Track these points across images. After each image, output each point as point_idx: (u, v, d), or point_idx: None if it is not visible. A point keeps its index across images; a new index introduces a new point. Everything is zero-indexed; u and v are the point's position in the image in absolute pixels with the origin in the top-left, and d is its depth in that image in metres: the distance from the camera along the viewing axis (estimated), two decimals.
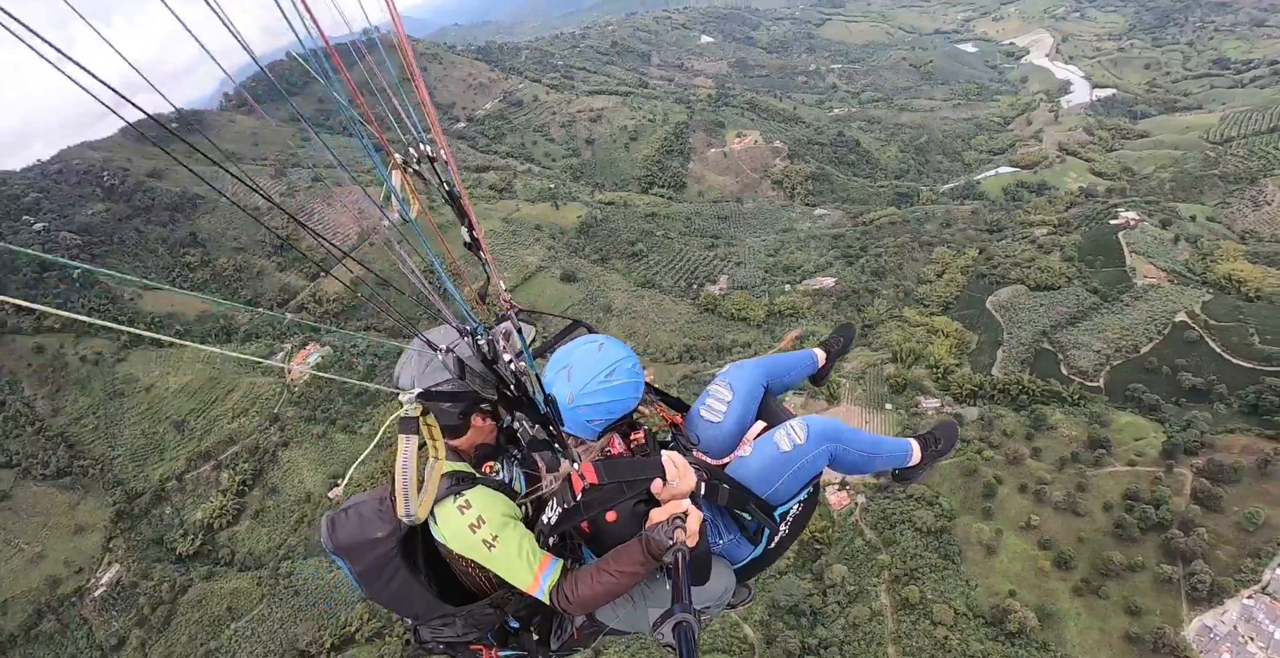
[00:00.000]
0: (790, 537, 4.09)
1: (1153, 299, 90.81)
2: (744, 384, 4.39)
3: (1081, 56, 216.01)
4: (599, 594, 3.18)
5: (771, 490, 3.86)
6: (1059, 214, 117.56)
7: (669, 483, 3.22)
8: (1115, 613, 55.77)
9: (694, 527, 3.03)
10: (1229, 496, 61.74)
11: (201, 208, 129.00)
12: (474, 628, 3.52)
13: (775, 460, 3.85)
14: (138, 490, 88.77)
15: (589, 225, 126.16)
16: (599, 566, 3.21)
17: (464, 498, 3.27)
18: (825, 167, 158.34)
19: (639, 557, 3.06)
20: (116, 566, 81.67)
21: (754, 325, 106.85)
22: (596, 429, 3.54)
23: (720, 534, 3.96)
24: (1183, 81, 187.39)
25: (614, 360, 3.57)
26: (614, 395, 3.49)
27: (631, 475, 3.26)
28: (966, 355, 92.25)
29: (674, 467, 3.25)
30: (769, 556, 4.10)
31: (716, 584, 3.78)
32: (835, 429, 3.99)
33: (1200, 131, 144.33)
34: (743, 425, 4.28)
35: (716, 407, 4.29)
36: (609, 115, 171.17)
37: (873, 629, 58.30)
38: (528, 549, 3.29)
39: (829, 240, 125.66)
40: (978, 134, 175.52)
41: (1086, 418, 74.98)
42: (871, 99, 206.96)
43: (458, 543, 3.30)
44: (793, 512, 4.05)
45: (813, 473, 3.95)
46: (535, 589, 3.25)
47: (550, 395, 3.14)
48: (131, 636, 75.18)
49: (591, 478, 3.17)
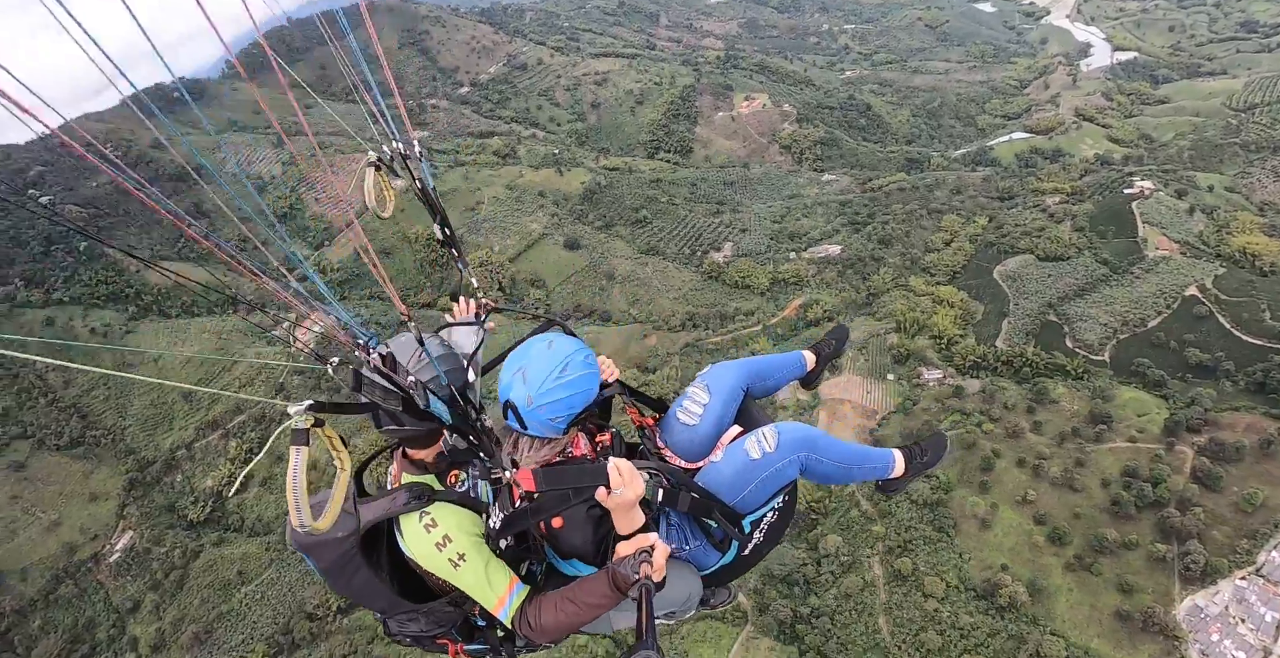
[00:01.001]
0: (766, 544, 3.99)
1: (1163, 272, 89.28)
2: (722, 387, 4.27)
3: (1103, 17, 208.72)
4: (563, 625, 3.15)
5: (738, 498, 3.74)
6: (1072, 182, 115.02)
7: (613, 491, 3.07)
8: (1106, 590, 56.05)
9: (660, 562, 2.95)
10: (1229, 475, 61.25)
11: (205, 178, 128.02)
12: (437, 625, 3.55)
13: (744, 467, 3.74)
14: (149, 459, 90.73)
15: (593, 192, 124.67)
16: (564, 595, 3.15)
17: (430, 516, 3.27)
18: (835, 131, 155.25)
19: (605, 589, 3.01)
20: (130, 532, 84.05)
21: (758, 293, 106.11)
22: (561, 426, 3.41)
23: (686, 540, 3.89)
24: (1207, 45, 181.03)
25: (566, 355, 3.43)
26: (571, 389, 3.36)
27: (573, 483, 3.15)
28: (971, 326, 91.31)
29: (618, 474, 3.08)
30: (743, 562, 4.00)
31: (678, 591, 3.73)
32: (809, 438, 3.84)
33: (1223, 98, 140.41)
34: (719, 429, 4.16)
35: (693, 409, 4.19)
36: (615, 79, 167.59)
37: (864, 600, 58.94)
38: (494, 571, 3.28)
39: (836, 207, 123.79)
40: (992, 98, 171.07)
41: (1089, 392, 74.21)
42: (884, 61, 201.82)
43: (424, 560, 3.32)
44: (766, 520, 3.95)
45: (782, 482, 3.82)
46: (499, 612, 3.24)
47: (509, 401, 3.24)
48: (146, 599, 77.66)
49: (529, 486, 3.10)
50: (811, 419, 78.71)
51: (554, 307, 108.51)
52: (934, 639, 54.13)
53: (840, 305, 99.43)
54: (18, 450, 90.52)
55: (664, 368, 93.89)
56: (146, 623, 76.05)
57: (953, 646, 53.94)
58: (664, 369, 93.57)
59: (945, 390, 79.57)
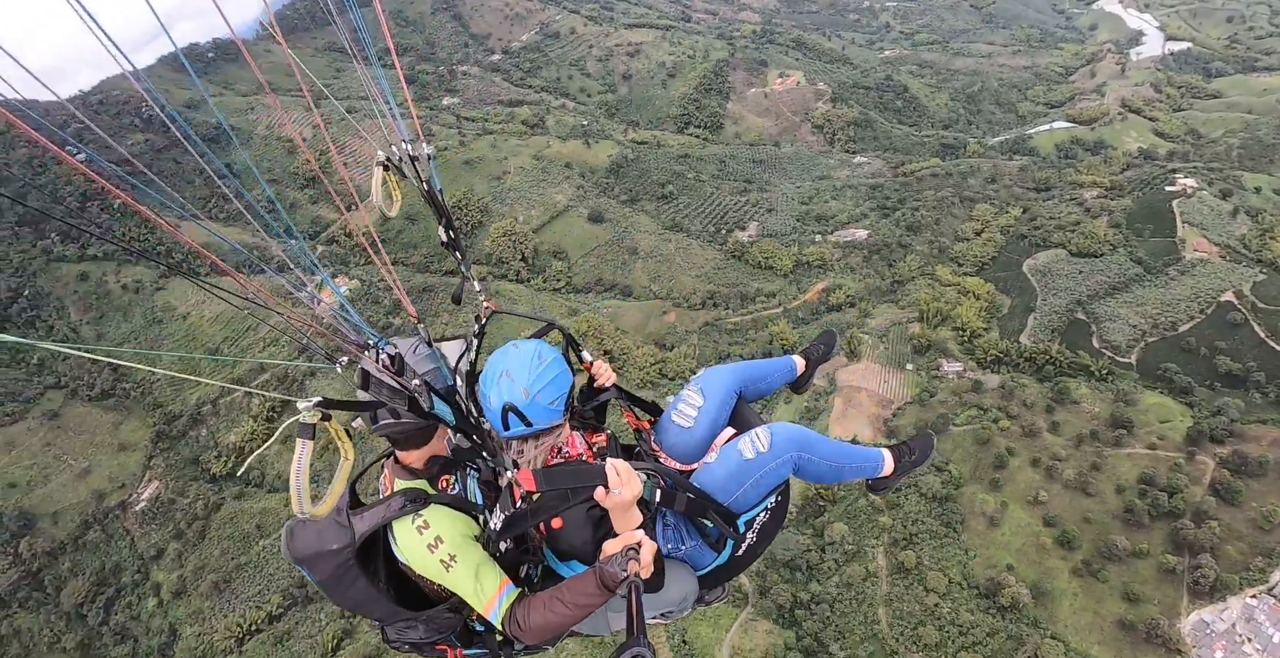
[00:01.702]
0: (760, 544, 4.03)
1: (1200, 275, 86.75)
2: (716, 390, 4.31)
3: (1159, 5, 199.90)
4: (552, 625, 3.14)
5: (732, 498, 3.78)
6: (1112, 176, 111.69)
7: (612, 491, 3.12)
8: (1112, 598, 55.62)
9: (647, 558, 2.95)
10: (1250, 489, 60.01)
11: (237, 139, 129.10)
12: (436, 631, 3.61)
13: (738, 468, 3.78)
14: (176, 413, 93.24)
15: (620, 165, 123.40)
16: (553, 595, 3.15)
17: (422, 518, 3.32)
18: (869, 112, 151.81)
19: (593, 588, 3.00)
20: (156, 482, 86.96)
21: (780, 275, 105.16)
22: (560, 409, 3.43)
23: (683, 540, 3.92)
24: (1267, 39, 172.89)
25: (534, 347, 3.51)
26: (556, 368, 3.44)
27: (572, 483, 3.21)
28: (996, 320, 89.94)
29: (616, 474, 3.13)
30: (737, 562, 4.04)
31: (675, 591, 3.79)
32: (802, 438, 3.90)
33: (1279, 95, 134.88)
34: (714, 431, 4.21)
35: (687, 412, 4.23)
36: (648, 50, 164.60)
37: (865, 590, 59.15)
38: (485, 573, 3.30)
39: (866, 190, 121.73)
40: (1036, 84, 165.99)
41: (1112, 395, 73.03)
42: (926, 41, 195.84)
43: (417, 563, 3.37)
44: (759, 520, 3.97)
45: (775, 482, 3.86)
46: (489, 613, 3.26)
47: (508, 404, 3.23)
48: (169, 548, 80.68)
49: (529, 486, 3.15)
50: (827, 406, 78.40)
51: (575, 280, 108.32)
52: (932, 634, 54.33)
53: (863, 291, 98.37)
54: (52, 400, 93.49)
55: (681, 346, 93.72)
56: (169, 570, 79.07)
57: (950, 642, 54.09)
58: (681, 347, 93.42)
59: (964, 384, 78.67)
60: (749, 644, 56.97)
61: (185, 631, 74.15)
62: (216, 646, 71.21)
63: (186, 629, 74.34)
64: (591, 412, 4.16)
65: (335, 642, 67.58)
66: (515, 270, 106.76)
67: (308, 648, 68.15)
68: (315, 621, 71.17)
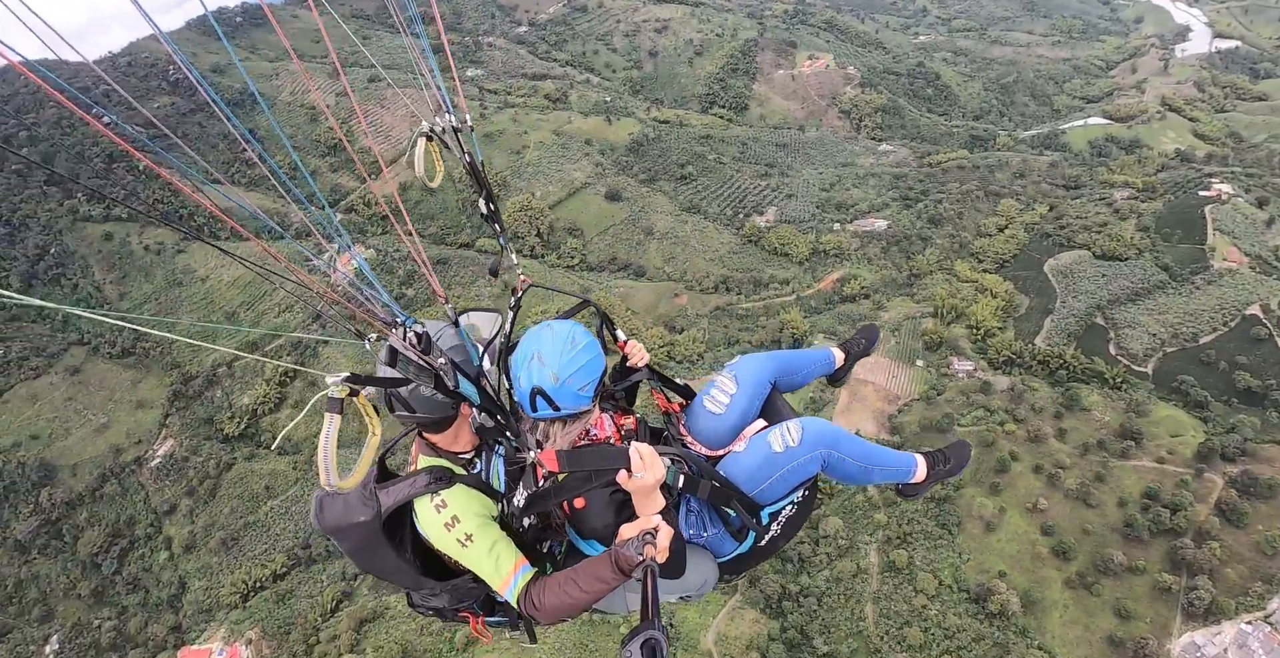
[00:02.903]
0: (783, 537, 4.04)
1: (1227, 286, 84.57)
2: (750, 378, 4.27)
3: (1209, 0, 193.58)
4: (566, 605, 3.20)
5: (759, 490, 3.78)
6: (1145, 177, 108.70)
7: (634, 474, 3.14)
8: (1103, 612, 55.05)
9: (664, 543, 2.99)
10: (1256, 512, 58.62)
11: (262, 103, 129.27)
12: (459, 599, 3.73)
13: (766, 460, 3.77)
14: (192, 374, 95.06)
15: (640, 144, 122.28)
16: (568, 576, 3.20)
17: (440, 497, 3.37)
18: (898, 99, 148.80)
19: (608, 571, 3.04)
20: (171, 440, 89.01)
21: (795, 263, 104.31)
22: (589, 395, 3.47)
23: (705, 527, 3.96)
24: None
25: (568, 331, 3.52)
26: (587, 355, 3.45)
27: (595, 465, 3.23)
28: (1012, 320, 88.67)
29: (639, 458, 3.15)
30: (758, 553, 4.07)
31: (695, 577, 3.83)
32: (833, 435, 3.85)
33: None
34: (745, 419, 4.19)
35: (720, 398, 4.20)
36: (675, 27, 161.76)
37: (855, 586, 59.19)
38: (500, 552, 3.37)
39: (889, 179, 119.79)
40: (1073, 77, 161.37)
41: (1124, 404, 71.65)
42: (963, 28, 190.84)
43: (435, 539, 3.45)
44: (785, 512, 3.98)
45: (803, 477, 3.85)
46: (504, 592, 3.34)
47: (536, 387, 3.28)
48: (182, 504, 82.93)
49: (551, 466, 3.18)
50: (832, 398, 78.00)
51: (589, 258, 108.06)
52: (917, 636, 54.33)
53: (879, 283, 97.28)
54: (74, 356, 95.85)
55: (691, 329, 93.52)
56: (180, 525, 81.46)
57: (934, 644, 54.06)
58: (691, 330, 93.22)
59: (973, 384, 77.86)
60: (734, 632, 57.53)
61: (194, 584, 76.60)
62: (223, 600, 73.43)
63: (195, 583, 76.79)
64: (622, 392, 4.13)
65: (335, 602, 69.40)
66: (530, 246, 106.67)
67: (309, 607, 69.86)
68: (317, 581, 73.10)
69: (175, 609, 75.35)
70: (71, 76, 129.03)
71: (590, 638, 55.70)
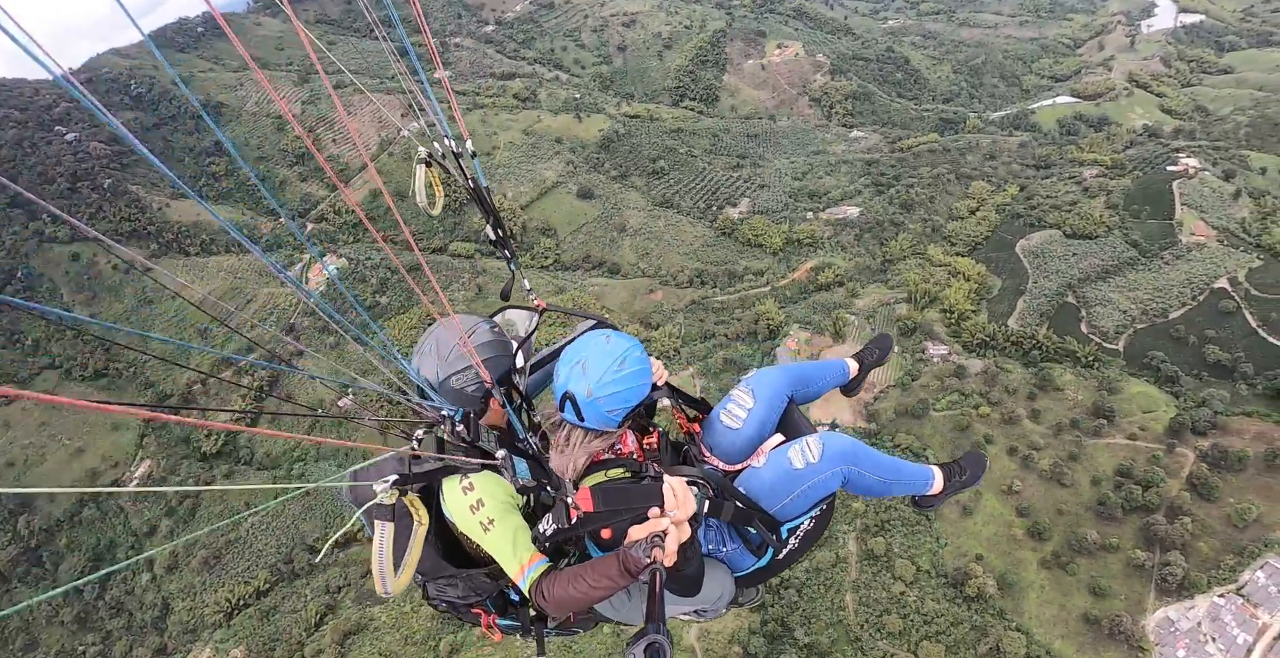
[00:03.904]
0: (800, 550, 4.05)
1: (1195, 260, 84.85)
2: (767, 392, 4.29)
3: None
4: (573, 599, 3.19)
5: (779, 506, 3.78)
6: (1114, 154, 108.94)
7: (667, 511, 3.09)
8: (1079, 591, 55.29)
9: (672, 547, 2.93)
10: (1227, 485, 58.92)
11: (226, 116, 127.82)
12: (474, 593, 3.72)
13: (786, 476, 3.77)
14: (167, 393, 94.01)
15: (610, 140, 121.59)
16: (577, 572, 3.19)
17: (469, 479, 3.44)
18: (869, 85, 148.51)
19: (615, 572, 3.01)
20: (148, 461, 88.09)
21: (770, 253, 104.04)
22: (617, 420, 3.53)
23: (724, 543, 3.97)
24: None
25: (623, 349, 3.54)
26: (630, 383, 3.49)
27: (627, 504, 3.18)
28: (985, 302, 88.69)
29: (674, 496, 3.12)
30: (776, 566, 4.07)
31: (712, 591, 3.81)
32: (853, 451, 3.84)
33: None
34: (762, 433, 4.20)
35: (737, 413, 4.22)
36: (643, 20, 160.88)
37: (834, 576, 59.19)
38: (520, 540, 3.40)
39: (861, 166, 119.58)
40: (1042, 57, 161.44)
41: (1097, 382, 71.88)
42: (931, 10, 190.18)
43: (459, 521, 3.51)
44: (803, 527, 3.98)
45: (824, 493, 3.84)
46: (519, 579, 3.35)
47: (569, 392, 3.39)
48: (161, 524, 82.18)
49: (587, 507, 3.14)
50: None
51: (563, 257, 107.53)
52: (896, 623, 54.44)
53: (853, 270, 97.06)
54: (46, 380, 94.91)
55: (667, 324, 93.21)
56: (162, 546, 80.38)
57: (914, 630, 54.20)
58: (667, 325, 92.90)
59: (948, 368, 77.91)
60: (716, 627, 57.56)
61: (177, 605, 76.14)
62: (207, 619, 73.16)
63: (178, 603, 76.27)
64: (643, 410, 3.99)
65: (319, 617, 69.24)
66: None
67: (292, 622, 69.70)
68: (301, 596, 72.96)
69: (160, 631, 74.92)
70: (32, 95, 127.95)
71: None
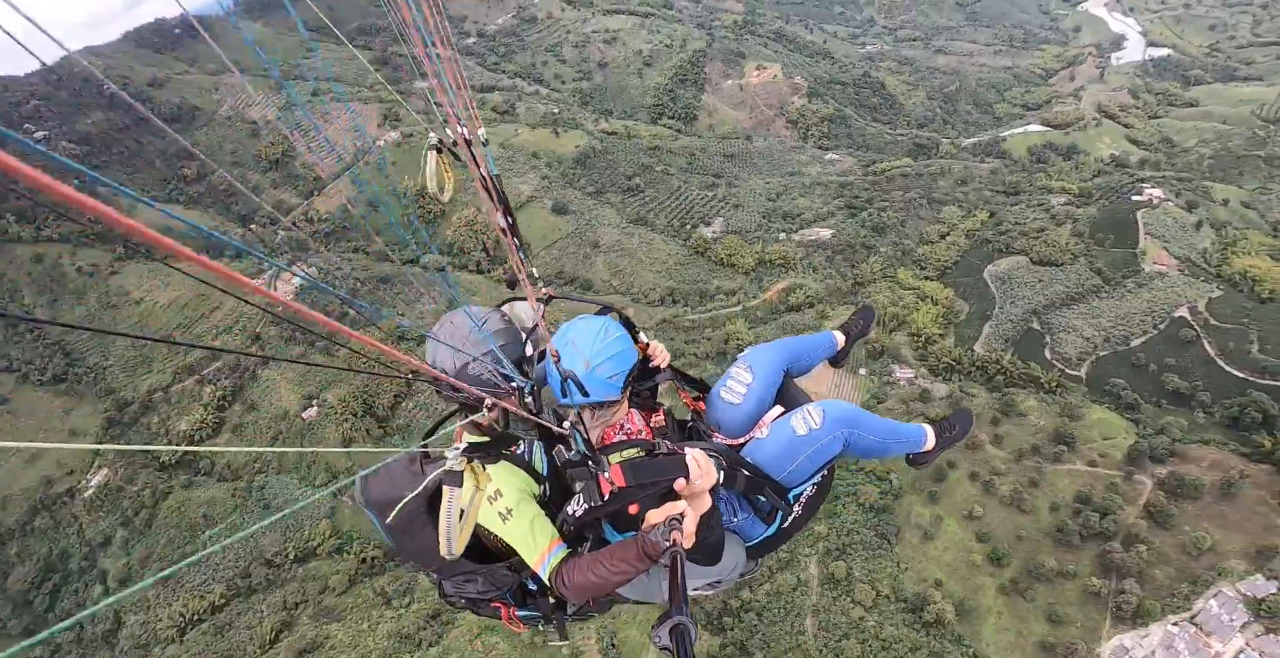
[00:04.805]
0: (804, 517, 4.19)
1: (1157, 288, 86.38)
2: (764, 367, 4.42)
3: (1143, 9, 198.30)
4: (594, 584, 3.24)
5: (786, 473, 3.92)
6: (1082, 182, 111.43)
7: (692, 481, 3.22)
8: (1036, 618, 55.44)
9: (690, 528, 3.01)
10: (1183, 513, 59.50)
11: (200, 120, 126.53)
12: (493, 587, 3.79)
13: (791, 444, 3.91)
14: (127, 400, 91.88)
15: (587, 156, 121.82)
16: (597, 557, 3.25)
17: (486, 471, 3.38)
18: (845, 108, 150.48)
19: (634, 556, 3.06)
20: (105, 470, 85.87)
21: (742, 273, 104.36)
22: (618, 384, 3.65)
23: (735, 513, 4.06)
24: (1248, 48, 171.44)
25: (602, 322, 3.76)
26: (618, 346, 3.66)
27: (657, 477, 3.28)
28: (953, 326, 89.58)
29: (698, 466, 3.25)
30: (782, 535, 4.20)
31: (728, 560, 3.92)
32: (852, 415, 4.03)
33: (1254, 106, 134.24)
34: (761, 408, 4.32)
35: (736, 388, 4.35)
36: (625, 38, 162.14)
37: (795, 600, 58.86)
38: (539, 528, 3.45)
39: (835, 188, 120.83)
40: (1014, 86, 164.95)
41: (1059, 408, 72.52)
42: (908, 37, 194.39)
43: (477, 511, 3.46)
44: (806, 494, 4.12)
45: (827, 457, 3.98)
46: (539, 568, 3.39)
47: (567, 372, 3.50)
48: (117, 535, 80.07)
49: (620, 482, 3.24)
50: None
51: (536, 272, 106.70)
52: (854, 648, 54.16)
53: (824, 292, 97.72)
54: (2, 383, 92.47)
55: None
56: (116, 558, 78.65)
57: (872, 656, 54.00)
58: None
59: (913, 391, 78.47)
60: None
61: (129, 619, 73.71)
62: (160, 634, 71.06)
63: (131, 617, 73.80)
64: (648, 391, 4.25)
65: (274, 634, 67.71)
66: (476, 261, 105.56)
67: (247, 639, 68.09)
68: (256, 612, 71.25)
69: (111, 646, 72.48)
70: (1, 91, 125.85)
71: None
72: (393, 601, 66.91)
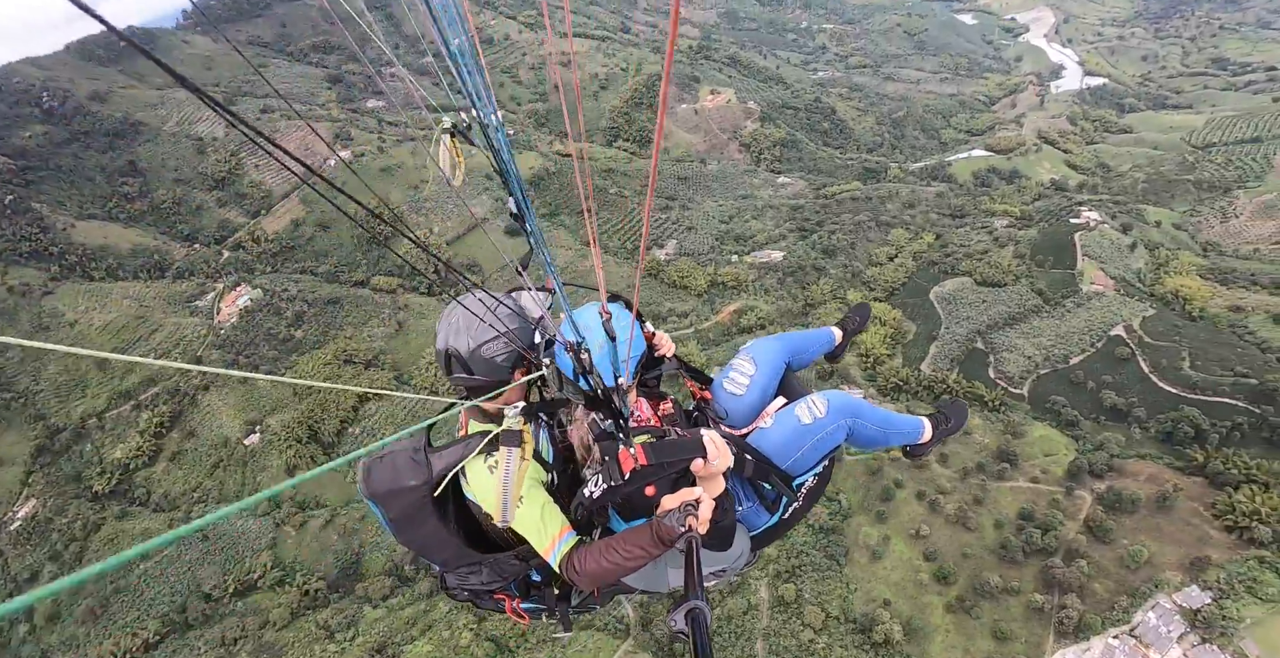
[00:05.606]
0: (804, 507, 4.24)
1: (1094, 308, 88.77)
2: (767, 358, 4.52)
3: (1080, 40, 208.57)
4: (606, 571, 3.22)
5: (790, 462, 3.97)
6: (1023, 206, 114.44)
7: (709, 461, 3.22)
8: (982, 635, 55.72)
9: (705, 514, 3.02)
10: (1121, 527, 60.53)
11: (144, 135, 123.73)
12: (498, 577, 3.71)
13: (795, 433, 3.97)
14: (59, 426, 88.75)
15: (541, 178, 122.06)
16: (610, 543, 3.24)
17: (494, 458, 3.40)
18: (796, 133, 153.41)
19: (648, 541, 3.08)
20: (34, 500, 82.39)
21: (694, 295, 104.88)
22: (632, 369, 3.66)
23: (740, 501, 4.10)
24: (1177, 78, 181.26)
25: (614, 308, 3.72)
26: (627, 331, 3.65)
27: (676, 456, 3.29)
28: (901, 346, 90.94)
29: (714, 446, 3.25)
30: (784, 524, 4.25)
31: (735, 549, 3.92)
32: (854, 405, 4.13)
33: (1184, 133, 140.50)
34: (764, 398, 4.41)
35: (739, 379, 4.43)
36: (581, 61, 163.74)
37: (745, 623, 58.39)
38: (549, 515, 3.42)
39: (787, 211, 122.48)
40: (959, 112, 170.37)
41: (1003, 426, 73.89)
42: (859, 64, 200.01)
43: (485, 501, 3.47)
44: (808, 484, 4.16)
45: (831, 446, 4.06)
46: (549, 555, 3.37)
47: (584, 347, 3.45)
48: (44, 570, 75.98)
49: (642, 460, 3.25)
50: None
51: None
52: None
53: (775, 314, 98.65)
54: None
55: None
56: None
57: None
58: None
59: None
60: None
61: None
62: None
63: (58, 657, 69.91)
64: (655, 380, 4.30)
65: None
66: (427, 283, 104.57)
67: None
68: (193, 648, 68.29)
69: None
70: None
71: None
72: (336, 634, 64.77)
